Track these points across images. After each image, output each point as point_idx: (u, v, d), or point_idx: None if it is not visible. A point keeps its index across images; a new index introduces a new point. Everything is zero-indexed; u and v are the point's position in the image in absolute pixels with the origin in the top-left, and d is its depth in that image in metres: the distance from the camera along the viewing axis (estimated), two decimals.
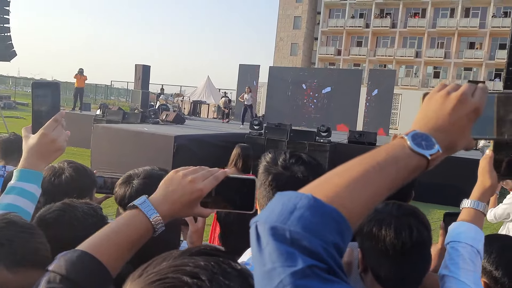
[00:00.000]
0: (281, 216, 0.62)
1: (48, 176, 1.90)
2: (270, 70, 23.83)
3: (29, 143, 1.37)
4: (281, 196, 0.65)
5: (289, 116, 20.99)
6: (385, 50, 50.72)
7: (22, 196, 1.33)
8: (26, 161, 1.37)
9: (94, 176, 2.13)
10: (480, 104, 0.77)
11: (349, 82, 21.52)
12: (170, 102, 22.61)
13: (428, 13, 48.91)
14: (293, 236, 0.59)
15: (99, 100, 35.92)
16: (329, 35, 54.28)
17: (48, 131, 1.38)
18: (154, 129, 12.32)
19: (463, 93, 0.77)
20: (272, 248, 0.60)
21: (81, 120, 15.99)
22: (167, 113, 17.10)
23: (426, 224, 1.37)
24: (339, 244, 0.62)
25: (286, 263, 0.58)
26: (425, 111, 0.79)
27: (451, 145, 0.76)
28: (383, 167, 0.70)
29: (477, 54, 46.99)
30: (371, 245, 1.34)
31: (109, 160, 10.57)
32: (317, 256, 0.58)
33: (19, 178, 1.35)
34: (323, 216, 0.62)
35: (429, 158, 0.72)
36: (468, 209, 1.43)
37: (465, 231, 1.38)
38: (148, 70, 20.30)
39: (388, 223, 1.32)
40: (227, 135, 13.17)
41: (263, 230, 0.62)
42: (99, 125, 12.41)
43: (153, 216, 0.99)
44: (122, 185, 1.62)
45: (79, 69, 19.40)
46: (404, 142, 0.73)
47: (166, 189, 1.04)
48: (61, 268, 0.91)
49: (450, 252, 1.37)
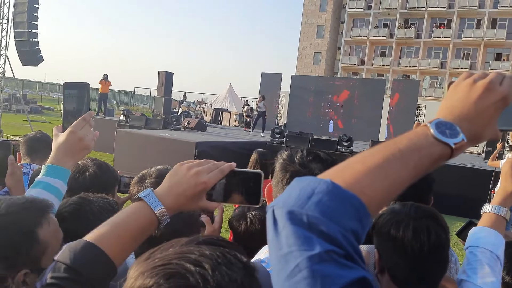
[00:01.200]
0: (298, 200, 0.61)
1: (72, 173, 1.94)
2: (292, 79, 23.81)
3: (58, 141, 1.42)
4: (300, 181, 0.65)
5: (311, 125, 20.93)
6: (409, 61, 50.23)
7: (47, 190, 1.36)
8: (54, 157, 1.41)
9: (117, 174, 2.17)
10: (508, 93, 0.73)
11: (372, 92, 21.35)
12: (192, 109, 22.81)
13: (453, 23, 48.33)
14: (311, 220, 0.59)
15: (122, 106, 36.42)
16: (353, 45, 54.07)
17: (76, 129, 1.42)
18: (176, 135, 12.44)
19: (491, 81, 0.74)
20: (289, 232, 0.59)
21: (105, 125, 16.23)
22: (189, 120, 17.23)
23: (445, 227, 1.35)
24: (357, 230, 0.61)
25: (303, 247, 0.57)
26: (450, 99, 0.76)
27: (476, 135, 0.73)
28: (405, 154, 0.67)
29: (504, 65, 46.12)
30: (389, 246, 1.33)
31: (131, 165, 10.69)
32: (335, 241, 0.58)
33: (46, 173, 1.39)
34: (342, 202, 0.61)
35: (453, 147, 0.69)
36: (489, 214, 1.40)
37: (485, 236, 1.35)
38: (171, 77, 20.51)
39: (407, 224, 1.31)
40: (248, 142, 13.20)
41: (280, 214, 0.61)
42: (122, 130, 12.59)
43: (158, 208, 1.00)
44: (136, 184, 1.66)
45: (104, 75, 19.74)
46: (428, 130, 0.70)
47: (171, 182, 1.04)
48: (66, 258, 0.93)
49: (469, 257, 1.35)
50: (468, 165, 11.23)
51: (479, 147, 19.53)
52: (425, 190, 1.88)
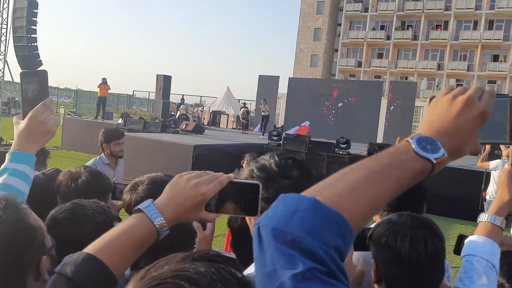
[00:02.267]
0: (283, 218, 0.62)
1: (65, 180, 1.97)
2: (290, 81, 23.86)
3: (19, 127, 1.42)
4: (284, 199, 0.66)
5: (309, 127, 20.97)
6: (407, 62, 50.30)
7: (14, 175, 1.37)
8: (17, 143, 1.41)
9: (110, 181, 2.17)
10: (487, 108, 0.75)
11: (369, 94, 21.39)
12: (190, 112, 22.79)
13: (450, 25, 48.45)
14: (295, 238, 0.60)
15: (121, 110, 36.44)
16: (350, 47, 54.14)
17: (37, 113, 1.42)
18: (173, 138, 12.45)
19: (470, 96, 0.75)
20: (273, 250, 0.60)
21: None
22: (187, 123, 17.26)
23: (440, 236, 1.37)
24: (340, 247, 0.62)
25: (286, 265, 0.58)
26: (431, 114, 0.78)
27: (457, 149, 0.75)
28: (386, 170, 0.69)
29: (501, 67, 46.24)
30: (386, 256, 1.35)
31: (129, 168, 10.67)
32: (318, 259, 0.59)
33: (11, 160, 1.39)
34: (324, 219, 0.62)
35: (434, 162, 0.71)
36: (485, 223, 1.42)
37: (481, 245, 1.37)
38: (169, 81, 20.54)
39: (404, 234, 1.32)
40: (246, 145, 13.21)
41: (265, 232, 0.62)
42: None
43: (158, 220, 1.00)
44: (128, 192, 1.66)
45: (102, 78, 19.72)
46: (409, 145, 0.72)
47: (171, 193, 1.05)
48: (67, 270, 0.94)
49: (465, 266, 1.37)
50: (466, 167, 11.26)
51: None
52: (419, 201, 1.90)
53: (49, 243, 1.23)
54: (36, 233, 1.19)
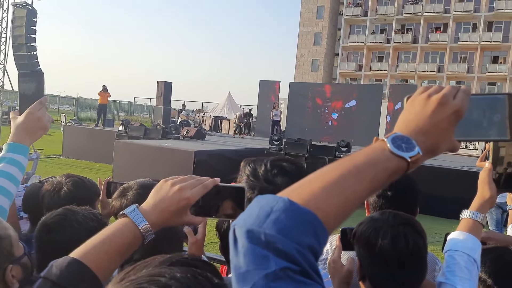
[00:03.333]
0: (257, 219, 0.63)
1: (47, 192, 1.95)
2: (291, 86, 23.90)
3: (17, 121, 1.53)
4: (260, 200, 0.67)
5: (310, 132, 20.99)
6: (407, 65, 50.34)
7: (11, 164, 1.47)
8: (15, 136, 1.52)
9: (96, 188, 2.14)
10: (461, 106, 0.76)
11: (370, 97, 21.42)
12: (192, 118, 22.86)
13: (449, 28, 48.51)
14: (268, 239, 0.60)
15: (122, 117, 36.46)
16: (350, 51, 54.22)
17: (34, 110, 1.54)
18: (174, 144, 12.48)
19: (444, 95, 0.76)
20: (247, 251, 0.61)
21: (104, 136, 16.26)
22: (188, 129, 17.28)
23: (422, 233, 1.40)
24: (314, 246, 0.62)
25: (259, 265, 0.59)
26: (406, 113, 0.79)
27: (432, 148, 0.75)
28: (361, 170, 0.70)
29: (501, 68, 46.24)
30: (368, 254, 1.37)
31: (130, 176, 10.66)
32: (290, 258, 0.59)
33: (8, 150, 1.49)
34: (298, 219, 0.63)
35: (409, 161, 0.71)
36: (467, 220, 1.45)
37: (463, 241, 1.40)
38: (170, 87, 20.62)
39: (385, 232, 1.35)
40: (247, 150, 13.23)
41: (240, 233, 0.63)
42: (121, 141, 12.63)
43: (142, 225, 1.02)
44: (117, 198, 1.68)
45: (103, 86, 19.78)
46: (384, 145, 0.72)
47: (155, 198, 1.06)
48: (52, 275, 0.96)
49: (447, 260, 1.40)
50: (466, 168, 11.27)
51: (478, 149, 19.50)
52: (412, 202, 1.90)
53: (19, 252, 1.25)
54: (2, 242, 1.22)
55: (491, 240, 1.85)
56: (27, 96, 1.58)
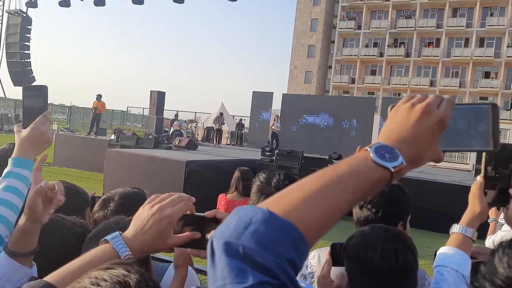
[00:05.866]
0: (235, 231, 0.60)
1: None
2: (283, 98, 23.94)
3: (21, 135, 1.55)
4: (239, 211, 0.64)
5: (302, 143, 21.03)
6: (399, 79, 50.76)
7: (18, 179, 1.48)
8: (20, 150, 1.53)
9: (86, 196, 2.13)
10: (445, 116, 0.75)
11: (362, 110, 21.50)
12: (184, 128, 22.81)
13: (442, 42, 49.04)
14: (246, 251, 0.58)
15: (115, 126, 36.35)
16: (343, 64, 54.61)
17: (38, 125, 1.55)
18: (166, 154, 12.41)
19: (427, 104, 0.75)
20: (224, 264, 0.58)
21: (96, 144, 16.18)
22: (180, 139, 17.23)
23: (412, 249, 1.38)
24: (294, 259, 0.60)
25: (236, 279, 0.57)
26: (390, 123, 0.77)
27: (416, 158, 0.74)
28: (343, 180, 0.68)
29: (493, 83, 46.75)
30: (357, 269, 1.35)
31: (121, 184, 10.57)
32: (269, 272, 0.57)
33: (14, 164, 1.51)
34: (278, 231, 0.60)
35: (392, 171, 0.70)
36: (456, 234, 1.44)
37: (451, 256, 1.39)
38: (163, 96, 20.58)
39: (375, 247, 1.33)
40: (239, 161, 13.19)
41: (217, 245, 0.60)
42: (113, 150, 12.55)
43: (123, 252, 0.98)
44: (100, 210, 1.66)
45: (97, 95, 19.72)
46: (368, 154, 0.71)
47: (136, 224, 1.02)
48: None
49: (436, 276, 1.39)
50: (458, 182, 11.30)
51: (469, 163, 19.61)
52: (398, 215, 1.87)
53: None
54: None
55: (481, 255, 1.84)
56: (31, 109, 1.59)
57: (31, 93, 1.61)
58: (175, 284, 1.40)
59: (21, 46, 16.00)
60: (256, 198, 1.37)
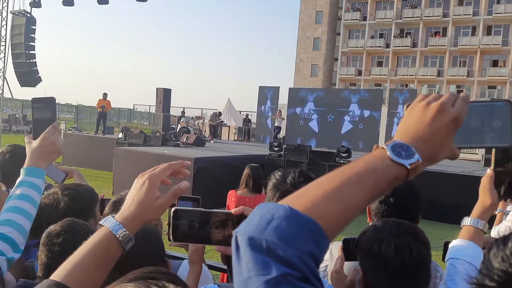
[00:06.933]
0: (259, 226, 0.64)
1: (46, 206, 1.97)
2: (290, 92, 23.90)
3: (32, 146, 1.60)
4: (261, 208, 0.67)
5: (310, 137, 21.00)
6: (406, 70, 50.51)
7: (31, 188, 1.53)
8: (31, 160, 1.59)
9: (95, 196, 2.15)
10: (459, 114, 0.76)
11: (370, 102, 21.40)
12: (191, 125, 22.84)
13: (449, 31, 48.69)
14: (269, 245, 0.61)
15: (122, 124, 36.51)
16: (349, 56, 54.41)
17: (48, 135, 1.61)
18: (174, 151, 12.46)
19: (442, 103, 0.77)
20: (249, 258, 0.62)
21: (104, 143, 16.27)
22: (187, 136, 17.26)
23: (426, 243, 1.39)
24: (315, 253, 0.63)
25: (261, 271, 0.60)
26: (406, 121, 0.79)
27: (432, 155, 0.76)
28: (361, 177, 0.70)
29: (501, 72, 46.37)
30: (371, 264, 1.36)
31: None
32: (291, 264, 0.60)
33: (26, 174, 1.56)
34: (299, 227, 0.64)
35: (408, 168, 0.72)
36: (468, 227, 1.44)
37: (464, 249, 1.40)
38: (169, 94, 20.63)
39: (388, 242, 1.33)
40: (247, 156, 13.20)
41: (242, 240, 0.64)
42: (121, 148, 12.62)
43: (119, 231, 1.03)
44: (110, 213, 1.68)
45: (103, 93, 19.80)
46: (384, 152, 0.73)
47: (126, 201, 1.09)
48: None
49: (449, 269, 1.40)
50: (467, 173, 11.24)
51: (478, 153, 19.50)
52: (414, 210, 1.88)
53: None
54: None
55: (486, 245, 1.82)
56: (40, 121, 1.65)
57: (39, 105, 1.67)
58: (191, 279, 1.46)
59: (26, 47, 16.07)
60: (272, 194, 1.42)
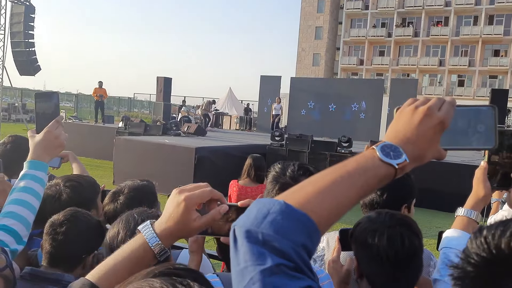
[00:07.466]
0: (255, 220, 0.69)
1: (49, 197, 1.97)
2: (292, 81, 23.81)
3: (36, 140, 1.61)
4: (258, 203, 0.72)
5: (311, 127, 20.99)
6: (408, 59, 50.33)
7: (34, 180, 1.55)
8: (34, 153, 1.60)
9: (95, 185, 2.16)
10: (445, 118, 0.81)
11: (371, 92, 21.35)
12: (192, 114, 22.81)
13: (451, 21, 48.43)
14: (265, 238, 0.66)
15: (122, 113, 36.42)
16: (351, 45, 54.19)
17: (52, 129, 1.62)
18: (175, 141, 12.45)
19: (429, 107, 0.81)
20: (246, 249, 0.66)
21: (104, 132, 16.24)
22: (188, 125, 17.25)
23: (418, 233, 1.43)
24: (307, 245, 0.68)
25: (256, 262, 0.65)
26: (395, 124, 0.84)
27: (419, 156, 0.81)
28: (352, 176, 0.75)
29: (502, 61, 46.20)
30: (365, 253, 1.41)
31: (131, 172, 10.69)
32: (286, 255, 0.65)
33: (30, 167, 1.57)
34: (293, 220, 0.68)
35: (396, 167, 0.77)
36: (461, 217, 1.48)
37: (457, 238, 1.43)
38: (169, 82, 20.53)
39: (381, 232, 1.38)
40: (248, 146, 13.20)
41: (239, 233, 0.69)
42: (121, 138, 12.61)
43: (154, 243, 0.99)
44: (110, 203, 1.70)
45: (99, 82, 19.72)
46: (374, 153, 0.78)
47: (164, 213, 1.03)
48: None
49: (442, 258, 1.44)
50: (467, 162, 11.25)
51: None
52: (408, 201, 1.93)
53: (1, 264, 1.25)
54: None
55: None
56: (43, 115, 1.66)
57: (42, 100, 1.68)
58: None
59: (26, 35, 16.00)
60: (272, 186, 1.46)
